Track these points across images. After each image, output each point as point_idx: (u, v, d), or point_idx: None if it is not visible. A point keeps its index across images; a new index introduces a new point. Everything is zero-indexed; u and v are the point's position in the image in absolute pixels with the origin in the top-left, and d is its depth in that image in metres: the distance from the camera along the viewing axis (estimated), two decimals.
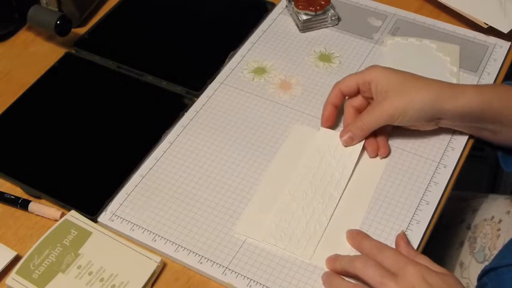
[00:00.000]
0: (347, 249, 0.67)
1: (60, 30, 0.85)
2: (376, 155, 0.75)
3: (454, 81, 0.81)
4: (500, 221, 0.86)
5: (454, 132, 0.76)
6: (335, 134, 0.76)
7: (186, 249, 0.68)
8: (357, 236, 0.67)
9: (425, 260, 0.64)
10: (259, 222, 0.69)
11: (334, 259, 0.65)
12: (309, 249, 0.67)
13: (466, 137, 0.76)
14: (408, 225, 0.69)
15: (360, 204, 0.71)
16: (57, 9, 0.88)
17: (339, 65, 0.85)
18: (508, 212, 0.86)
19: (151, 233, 0.69)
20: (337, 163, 0.74)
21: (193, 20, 0.93)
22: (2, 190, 0.73)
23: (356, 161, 0.74)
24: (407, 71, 0.74)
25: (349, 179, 0.72)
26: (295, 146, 0.76)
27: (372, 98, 0.74)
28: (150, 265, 0.66)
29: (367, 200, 0.71)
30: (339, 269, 0.65)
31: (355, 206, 0.71)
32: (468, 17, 0.88)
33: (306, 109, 0.80)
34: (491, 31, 0.86)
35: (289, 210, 0.70)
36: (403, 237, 0.67)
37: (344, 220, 0.69)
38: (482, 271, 0.70)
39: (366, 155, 0.75)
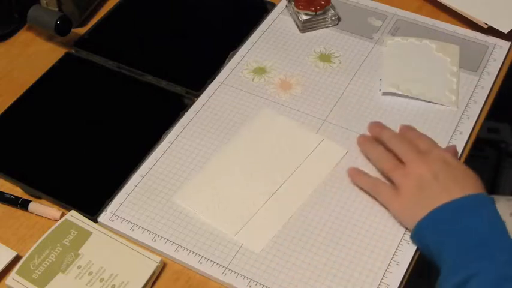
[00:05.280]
0: (275, 232, 0.68)
1: (60, 30, 0.85)
2: None
3: (454, 81, 0.81)
4: None
5: (454, 132, 0.76)
6: (296, 125, 0.77)
7: (186, 249, 0.68)
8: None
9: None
10: (199, 195, 0.71)
11: (381, 128, 0.73)
12: (237, 225, 0.68)
13: (466, 137, 0.76)
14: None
15: (300, 193, 0.71)
16: (57, 9, 0.88)
17: (339, 65, 0.85)
18: (511, 214, 0.86)
19: (151, 233, 0.69)
20: (290, 151, 0.75)
21: (193, 20, 0.93)
22: (2, 190, 0.73)
23: (308, 154, 0.74)
24: (408, 71, 0.74)
25: (297, 168, 0.73)
26: (257, 129, 0.77)
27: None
28: (150, 265, 0.66)
29: (307, 192, 0.71)
30: (378, 136, 0.73)
31: (295, 194, 0.71)
32: (468, 17, 0.88)
33: (306, 109, 0.80)
34: (491, 31, 0.86)
35: (229, 187, 0.71)
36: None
37: (280, 205, 0.70)
38: None
39: (326, 153, 0.75)
